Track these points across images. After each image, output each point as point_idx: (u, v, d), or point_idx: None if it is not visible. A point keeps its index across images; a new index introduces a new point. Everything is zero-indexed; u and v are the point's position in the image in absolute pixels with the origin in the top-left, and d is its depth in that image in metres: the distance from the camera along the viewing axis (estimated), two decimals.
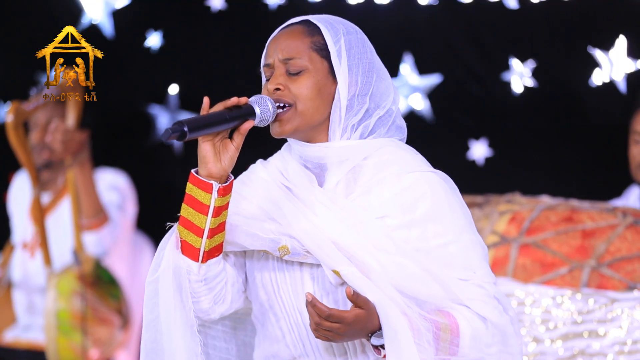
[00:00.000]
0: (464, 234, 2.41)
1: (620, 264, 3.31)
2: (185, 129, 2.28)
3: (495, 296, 2.40)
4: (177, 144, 5.03)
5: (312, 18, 2.50)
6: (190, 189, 2.37)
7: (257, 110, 2.38)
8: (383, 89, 2.47)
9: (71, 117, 4.35)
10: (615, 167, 4.28)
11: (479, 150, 4.68)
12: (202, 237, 2.37)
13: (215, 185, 2.34)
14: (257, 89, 5.34)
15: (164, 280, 2.39)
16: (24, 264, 4.53)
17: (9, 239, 4.65)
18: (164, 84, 5.02)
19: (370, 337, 2.31)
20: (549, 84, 4.65)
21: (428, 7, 4.66)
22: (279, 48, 2.47)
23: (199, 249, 2.38)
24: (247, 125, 2.36)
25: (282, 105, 2.41)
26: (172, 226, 2.44)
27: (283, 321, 2.46)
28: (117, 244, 4.58)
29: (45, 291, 4.33)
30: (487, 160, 4.69)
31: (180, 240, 2.39)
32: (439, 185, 2.42)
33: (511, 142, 4.71)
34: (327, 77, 2.44)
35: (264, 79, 2.51)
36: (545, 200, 3.53)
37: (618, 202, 4.19)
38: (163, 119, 5.04)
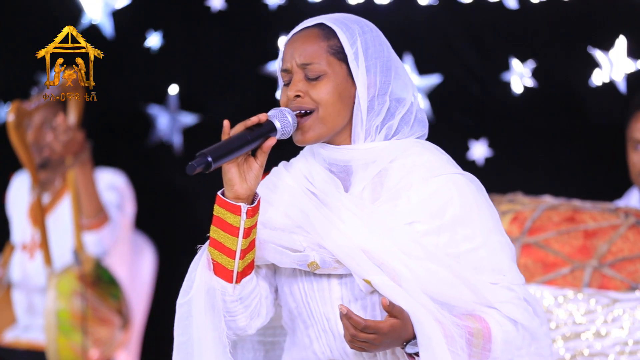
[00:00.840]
0: (492, 236, 2.41)
1: (622, 265, 3.31)
2: (210, 159, 2.28)
3: (525, 298, 2.40)
4: (177, 144, 5.02)
5: (327, 20, 2.47)
6: (218, 211, 2.36)
7: (278, 124, 2.36)
8: (402, 85, 2.46)
9: (71, 117, 4.35)
10: (616, 168, 4.28)
11: (479, 150, 4.68)
12: (234, 259, 2.37)
13: (244, 207, 2.34)
14: (257, 89, 5.36)
15: (196, 302, 2.38)
16: (23, 265, 4.52)
17: (8, 240, 4.65)
18: (164, 84, 5.01)
19: (405, 345, 2.30)
20: (549, 84, 4.65)
21: (428, 7, 4.66)
22: (296, 53, 2.43)
23: (232, 271, 2.38)
24: (270, 142, 2.35)
25: (303, 112, 2.39)
26: (201, 247, 2.44)
27: (311, 328, 2.46)
28: (117, 243, 4.58)
29: (45, 291, 4.33)
30: (487, 160, 4.68)
31: (213, 262, 2.39)
32: (466, 188, 2.42)
33: (511, 142, 4.71)
34: (347, 80, 2.42)
35: (281, 83, 2.48)
36: (548, 200, 3.52)
37: (620, 202, 4.19)
38: (163, 119, 5.03)
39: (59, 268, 4.34)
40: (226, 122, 2.34)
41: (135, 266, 4.85)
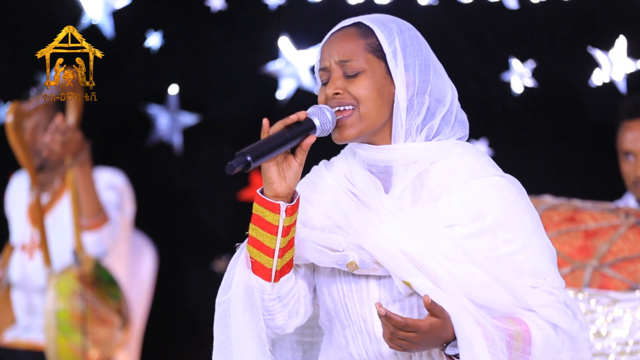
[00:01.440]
0: (533, 240, 2.40)
1: (623, 265, 3.31)
2: (249, 158, 2.26)
3: (565, 302, 2.39)
4: (177, 144, 5.02)
5: (364, 19, 2.46)
6: (257, 209, 2.36)
7: (317, 122, 2.36)
8: (441, 85, 2.45)
9: (71, 117, 4.35)
10: (615, 167, 4.27)
11: None
12: (273, 257, 2.36)
13: (283, 206, 2.33)
14: (257, 89, 5.34)
15: (235, 301, 2.38)
16: (22, 265, 4.52)
17: (8, 240, 4.65)
18: (164, 84, 5.01)
19: (445, 347, 2.29)
20: (549, 84, 4.65)
21: (428, 7, 4.66)
22: (334, 51, 2.43)
23: (271, 269, 2.37)
24: (309, 140, 2.35)
25: (342, 108, 2.39)
26: (240, 245, 2.44)
27: (348, 329, 2.46)
28: (116, 244, 4.57)
29: (45, 291, 4.32)
30: None
31: (251, 260, 2.38)
32: (507, 190, 2.41)
33: (511, 142, 4.71)
34: (385, 78, 2.41)
35: (319, 83, 2.47)
36: (548, 200, 3.52)
37: (621, 202, 4.19)
38: (163, 119, 5.03)
39: (58, 268, 4.34)
40: (265, 121, 2.34)
41: (135, 266, 4.85)
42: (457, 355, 2.28)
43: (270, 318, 2.42)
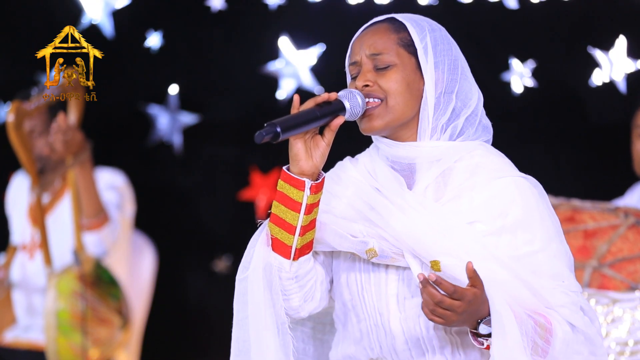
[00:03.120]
0: (552, 243, 2.40)
1: (622, 265, 3.31)
2: (278, 129, 2.27)
3: (581, 306, 2.40)
4: (177, 143, 5.02)
5: (397, 15, 2.48)
6: (281, 186, 2.36)
7: (347, 104, 2.37)
8: (468, 86, 2.46)
9: (72, 117, 4.35)
10: (616, 167, 4.28)
11: None
12: (294, 235, 2.37)
13: (308, 183, 2.34)
14: (257, 89, 5.34)
15: (254, 278, 2.38)
16: (22, 265, 4.52)
17: (9, 241, 4.65)
18: (164, 84, 5.02)
19: (480, 323, 2.28)
20: (549, 84, 4.65)
21: (428, 7, 4.66)
22: (366, 44, 2.44)
23: (291, 247, 2.38)
24: (338, 121, 2.35)
25: (371, 100, 2.39)
26: (262, 223, 2.43)
27: (364, 322, 2.46)
28: (117, 243, 4.58)
29: (45, 291, 4.32)
30: None
31: (272, 238, 2.39)
32: (530, 192, 2.41)
33: (511, 142, 4.71)
34: (415, 73, 2.42)
35: (349, 78, 2.48)
36: None
37: (620, 202, 4.19)
38: (163, 119, 5.04)
39: (58, 268, 4.34)
40: (296, 96, 2.34)
41: (135, 266, 4.85)
42: (486, 337, 2.28)
43: (286, 298, 2.41)
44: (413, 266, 2.39)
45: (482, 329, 2.29)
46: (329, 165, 2.49)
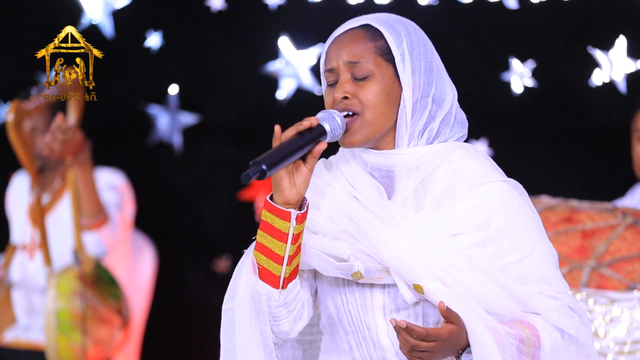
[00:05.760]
0: (537, 246, 2.39)
1: (620, 264, 3.31)
2: (264, 167, 2.25)
3: (570, 306, 2.39)
4: (177, 143, 5.02)
5: (371, 21, 2.43)
6: (266, 216, 2.33)
7: (327, 127, 2.34)
8: (442, 86, 2.43)
9: (71, 117, 4.35)
10: (615, 167, 4.28)
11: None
12: (282, 265, 2.34)
13: (294, 213, 2.31)
14: (257, 89, 5.34)
15: (241, 308, 2.36)
16: (22, 265, 4.53)
17: (9, 240, 4.65)
18: (164, 84, 5.02)
19: (461, 354, 2.28)
20: (549, 84, 4.65)
21: (428, 7, 4.66)
22: (343, 51, 2.40)
23: (279, 277, 2.35)
24: (320, 147, 2.33)
25: (350, 114, 2.37)
26: (245, 251, 2.41)
27: (351, 335, 2.44)
28: (117, 243, 4.58)
29: (45, 291, 4.33)
30: None
31: (259, 267, 2.36)
32: (510, 196, 2.39)
33: (511, 142, 4.71)
34: (394, 82, 2.39)
35: (324, 85, 2.45)
36: (545, 200, 3.52)
37: (621, 202, 4.18)
38: (163, 119, 5.04)
39: (58, 268, 4.34)
40: (277, 128, 2.32)
41: (135, 266, 4.85)
42: None
43: (275, 324, 2.40)
44: (399, 283, 2.37)
45: (465, 358, 2.28)
46: None
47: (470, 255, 2.34)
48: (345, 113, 2.37)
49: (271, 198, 2.34)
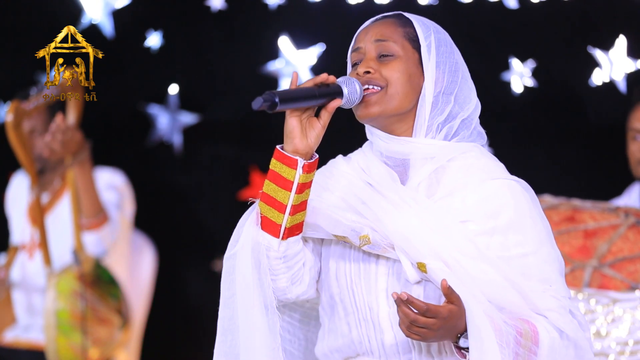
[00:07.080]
0: (543, 247, 2.41)
1: (622, 264, 3.31)
2: (277, 99, 2.26)
3: (570, 310, 2.40)
4: (177, 143, 5.02)
5: (404, 13, 2.50)
6: (274, 164, 2.35)
7: (345, 90, 2.36)
8: (467, 92, 2.47)
9: (71, 116, 4.35)
10: (615, 167, 4.28)
11: None
12: (284, 214, 2.35)
13: (301, 162, 2.33)
14: (257, 89, 5.33)
15: (242, 257, 2.37)
16: (22, 265, 4.53)
17: (10, 241, 4.65)
18: (164, 84, 5.02)
19: (459, 337, 2.29)
20: (549, 84, 4.65)
21: (428, 7, 4.66)
22: (372, 32, 2.45)
23: (280, 225, 2.36)
24: (335, 103, 2.35)
25: (371, 87, 2.40)
26: (253, 202, 2.42)
27: (352, 316, 2.45)
28: (116, 243, 4.58)
29: (45, 291, 4.32)
30: None
31: (261, 216, 2.37)
32: (522, 195, 2.42)
33: (511, 142, 4.71)
34: (417, 68, 2.43)
35: (349, 67, 2.49)
36: (547, 199, 3.52)
37: (618, 201, 4.19)
38: (163, 119, 5.04)
39: (58, 268, 4.34)
40: (295, 73, 2.35)
41: (135, 266, 4.85)
42: (468, 349, 2.28)
43: (273, 278, 2.40)
44: (403, 260, 2.38)
45: (463, 342, 2.29)
46: (321, 164, 2.49)
47: (477, 243, 2.36)
48: (367, 86, 2.40)
49: (282, 148, 2.36)
